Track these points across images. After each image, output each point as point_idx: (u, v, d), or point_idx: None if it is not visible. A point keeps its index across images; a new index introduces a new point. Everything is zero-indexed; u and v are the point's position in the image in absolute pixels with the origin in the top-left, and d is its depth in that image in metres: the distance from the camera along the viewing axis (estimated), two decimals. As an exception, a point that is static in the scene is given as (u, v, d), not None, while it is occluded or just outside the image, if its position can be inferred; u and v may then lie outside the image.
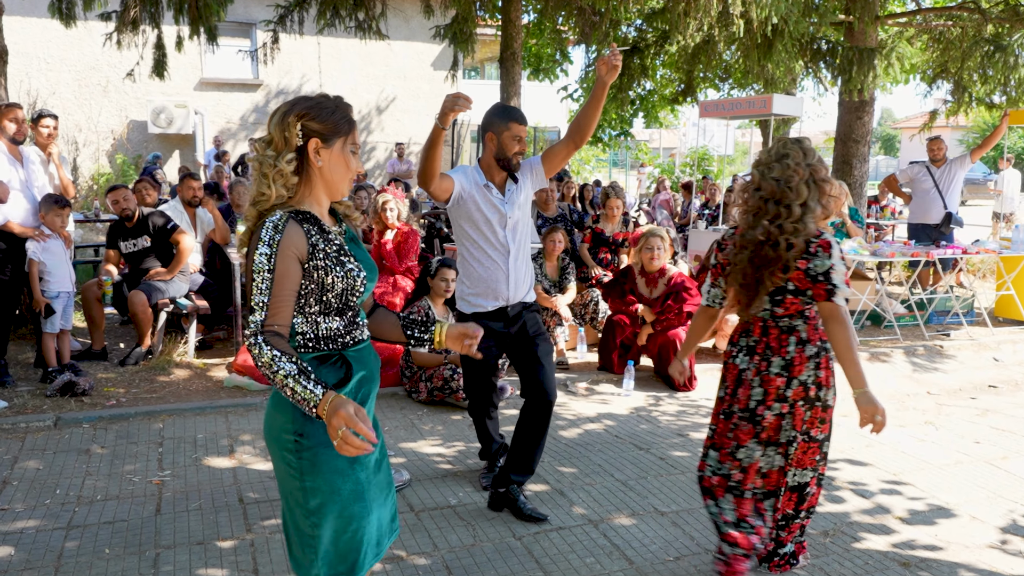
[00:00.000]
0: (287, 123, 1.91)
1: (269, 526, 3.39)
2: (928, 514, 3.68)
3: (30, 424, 4.51)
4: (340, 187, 1.99)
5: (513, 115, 3.38)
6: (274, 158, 1.91)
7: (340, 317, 1.97)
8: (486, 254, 3.43)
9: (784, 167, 2.76)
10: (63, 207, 5.28)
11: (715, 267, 2.96)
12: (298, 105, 1.93)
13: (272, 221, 1.87)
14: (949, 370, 6.45)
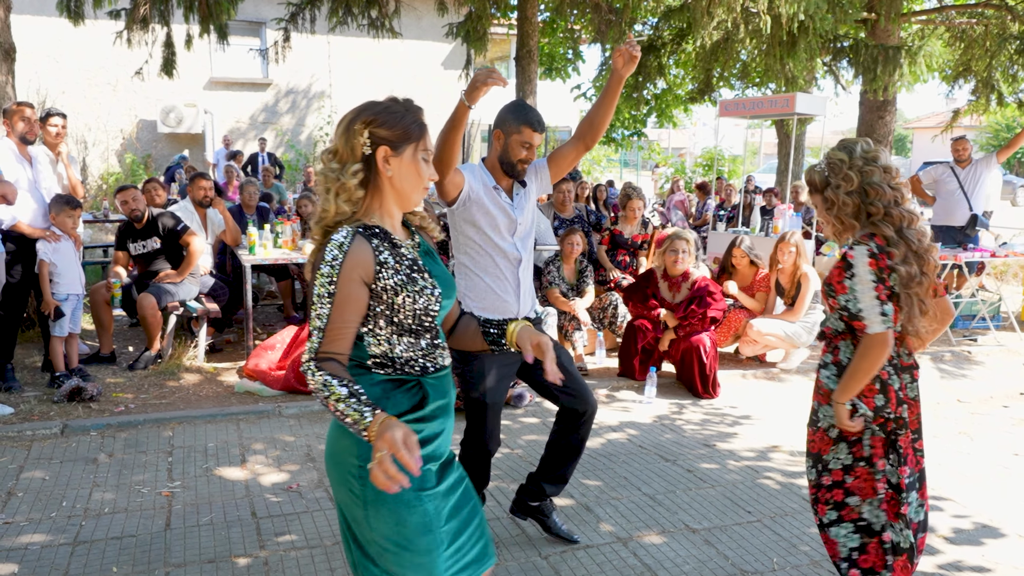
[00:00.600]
0: (353, 131, 1.77)
1: (284, 543, 3.24)
2: (973, 533, 3.51)
3: (36, 432, 4.38)
4: (412, 197, 1.85)
5: (528, 118, 3.01)
6: (338, 171, 1.78)
7: (416, 338, 1.83)
8: (494, 263, 3.08)
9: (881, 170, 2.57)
10: (74, 208, 5.15)
11: (879, 283, 2.48)
12: (365, 111, 1.79)
13: (337, 240, 1.74)
14: (978, 377, 6.26)
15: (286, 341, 5.79)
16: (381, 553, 1.76)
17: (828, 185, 2.64)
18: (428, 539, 1.76)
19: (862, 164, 2.59)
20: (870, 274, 2.48)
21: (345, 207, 1.77)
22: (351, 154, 1.77)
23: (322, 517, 3.48)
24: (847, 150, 2.65)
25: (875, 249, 2.49)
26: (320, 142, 16.91)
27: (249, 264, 5.99)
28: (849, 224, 2.62)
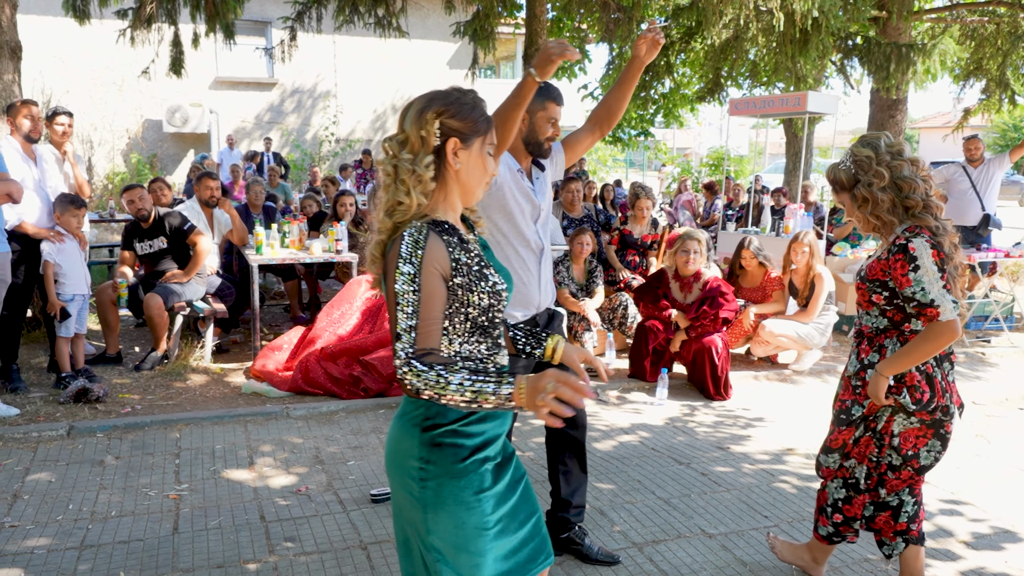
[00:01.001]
0: (425, 120, 1.71)
1: (293, 547, 3.19)
2: (994, 538, 3.44)
3: (42, 433, 4.33)
4: (477, 192, 1.80)
5: (551, 94, 2.91)
6: (411, 161, 1.70)
7: (483, 338, 1.77)
8: (517, 253, 2.95)
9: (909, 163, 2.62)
10: (79, 207, 5.11)
11: (944, 272, 2.52)
12: (436, 101, 1.72)
13: (411, 235, 1.67)
14: (993, 378, 6.18)
15: (293, 342, 5.75)
16: (438, 559, 1.72)
17: (858, 183, 2.64)
18: (483, 541, 1.72)
19: (889, 159, 2.60)
20: (934, 264, 2.49)
21: (423, 199, 1.71)
22: (423, 145, 1.71)
23: (331, 521, 3.43)
24: (872, 146, 2.65)
25: (932, 240, 2.52)
26: (325, 141, 16.89)
27: (256, 264, 5.95)
28: (888, 220, 2.62)
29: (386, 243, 1.74)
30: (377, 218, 1.76)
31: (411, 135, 1.72)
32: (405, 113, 1.75)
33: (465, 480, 1.71)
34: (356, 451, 4.27)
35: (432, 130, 1.70)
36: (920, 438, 2.69)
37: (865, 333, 2.74)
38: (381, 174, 1.76)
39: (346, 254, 6.35)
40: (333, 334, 5.60)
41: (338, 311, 5.81)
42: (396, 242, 1.69)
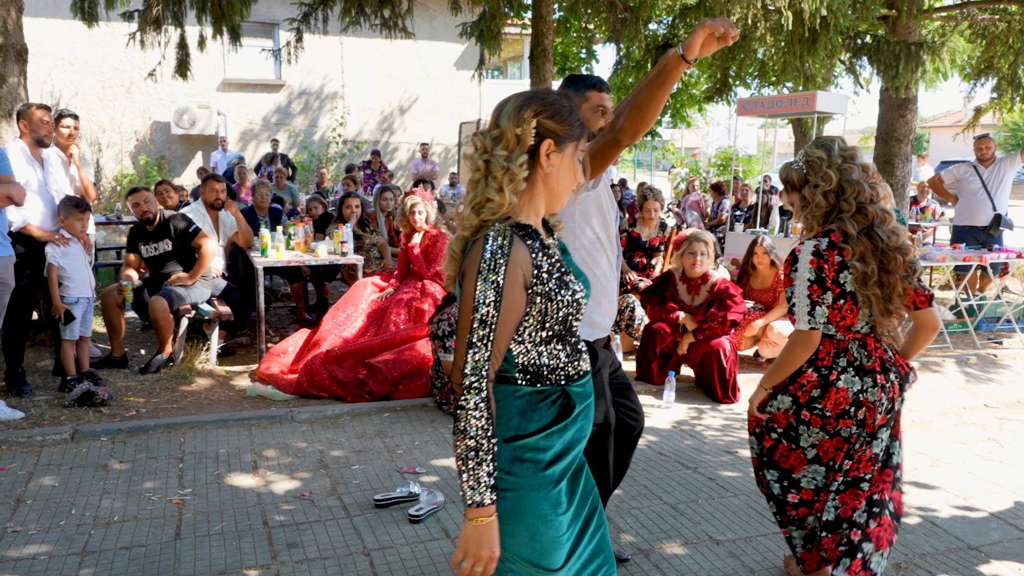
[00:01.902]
0: (522, 119, 1.66)
1: (296, 554, 3.16)
2: (1009, 545, 3.38)
3: (46, 437, 4.32)
4: (563, 197, 1.76)
5: (589, 82, 2.69)
6: (506, 158, 1.65)
7: (563, 344, 1.73)
8: (608, 260, 2.73)
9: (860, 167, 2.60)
10: (83, 211, 5.10)
11: (815, 283, 2.54)
12: (535, 100, 1.68)
13: (495, 239, 1.63)
14: (1005, 381, 6.11)
15: (298, 344, 5.73)
16: (511, 569, 1.72)
17: (806, 183, 2.65)
18: (559, 554, 1.71)
19: (841, 162, 2.60)
20: (809, 272, 2.55)
21: (514, 199, 1.66)
22: (518, 143, 1.66)
23: (335, 527, 3.40)
24: (825, 148, 2.65)
25: (822, 247, 2.55)
26: (333, 143, 16.89)
27: (261, 267, 5.93)
28: (817, 224, 2.64)
29: (468, 240, 1.70)
30: (463, 214, 1.70)
31: (507, 132, 1.66)
32: (500, 109, 1.70)
33: (544, 492, 1.69)
34: (360, 455, 4.24)
35: (528, 129, 1.66)
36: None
37: None
38: (469, 169, 1.72)
39: (351, 256, 6.33)
40: (338, 336, 5.58)
41: (343, 313, 5.79)
42: (478, 244, 1.64)
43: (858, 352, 2.60)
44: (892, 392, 2.61)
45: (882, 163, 9.07)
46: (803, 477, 2.76)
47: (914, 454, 4.41)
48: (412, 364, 5.23)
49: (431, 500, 3.56)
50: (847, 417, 2.59)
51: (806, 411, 2.64)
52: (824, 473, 2.71)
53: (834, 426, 2.61)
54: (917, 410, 5.27)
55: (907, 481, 4.03)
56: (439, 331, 4.86)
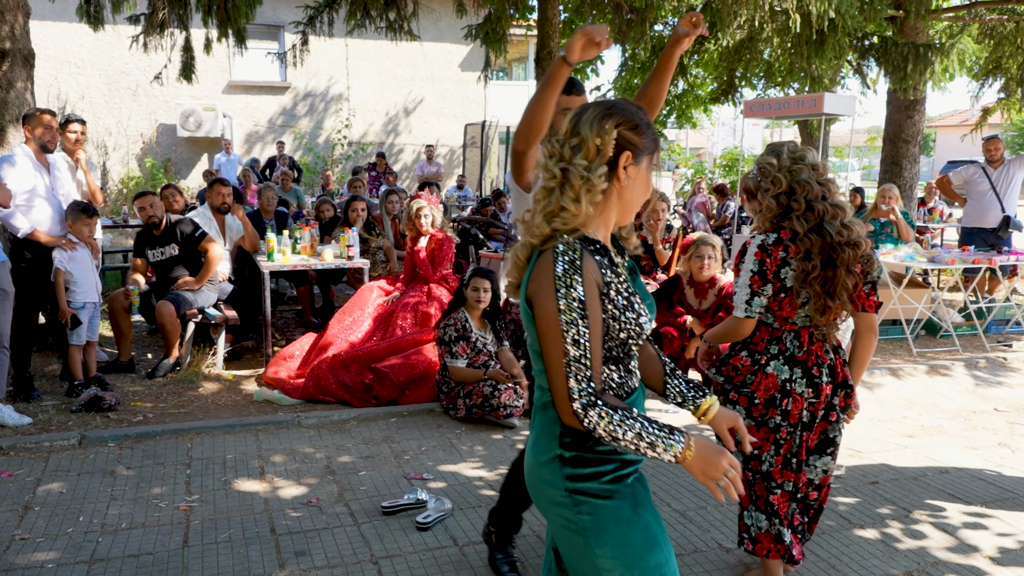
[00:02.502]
0: (604, 129, 1.62)
1: (303, 562, 3.15)
2: (1020, 552, 3.35)
3: (54, 443, 4.32)
4: (634, 211, 1.72)
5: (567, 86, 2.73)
6: (585, 168, 1.61)
7: (618, 367, 1.70)
8: None
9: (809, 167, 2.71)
10: (91, 216, 5.10)
11: (757, 275, 2.68)
12: (615, 111, 1.65)
13: (564, 254, 1.59)
14: (1015, 384, 6.07)
15: (305, 348, 5.72)
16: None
17: (759, 189, 2.77)
18: (656, 553, 1.69)
19: (790, 164, 2.72)
20: (753, 264, 2.69)
21: (591, 210, 1.63)
22: (599, 153, 1.63)
23: (342, 533, 3.39)
24: (775, 153, 2.78)
25: (769, 242, 2.68)
26: (338, 145, 16.90)
27: (267, 270, 5.93)
28: (768, 223, 2.76)
29: (535, 249, 1.65)
30: (533, 222, 1.65)
31: (588, 141, 1.63)
32: (579, 117, 1.66)
33: (617, 498, 1.67)
34: (367, 461, 4.23)
35: (609, 140, 1.63)
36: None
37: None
38: (542, 176, 1.68)
39: (358, 260, 6.32)
40: (345, 341, 5.57)
41: (350, 317, 5.78)
42: (545, 258, 1.60)
43: (791, 343, 2.73)
44: (822, 391, 2.71)
45: (890, 164, 9.05)
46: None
47: (924, 460, 4.38)
48: (419, 369, 5.22)
49: (439, 507, 3.55)
50: (774, 406, 2.72)
51: (734, 392, 2.78)
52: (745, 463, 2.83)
53: (762, 413, 2.74)
54: (927, 415, 5.24)
55: (917, 487, 4.01)
56: (445, 336, 4.85)
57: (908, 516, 3.67)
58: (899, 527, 3.55)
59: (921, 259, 6.84)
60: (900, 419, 5.14)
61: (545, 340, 1.58)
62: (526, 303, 1.65)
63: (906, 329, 6.85)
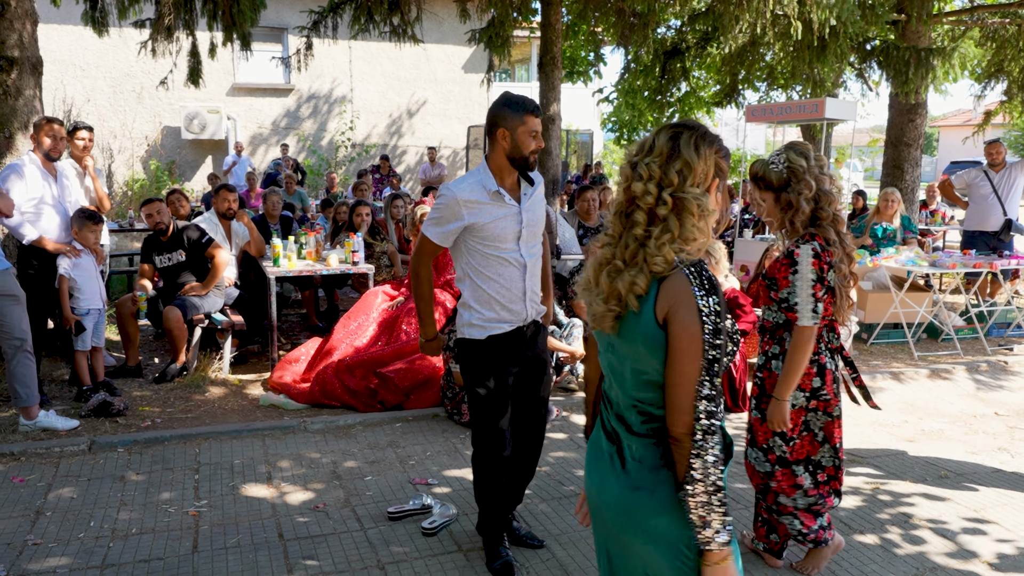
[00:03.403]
0: (708, 155, 1.63)
1: (312, 567, 3.20)
2: (1020, 559, 3.39)
3: (64, 449, 4.38)
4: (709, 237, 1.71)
5: (528, 107, 2.90)
6: (699, 195, 1.62)
7: (712, 386, 1.66)
8: (498, 272, 2.98)
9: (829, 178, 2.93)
10: (96, 223, 5.15)
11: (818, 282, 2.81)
12: (710, 137, 1.66)
13: (701, 275, 1.59)
14: (1016, 388, 6.10)
15: (310, 353, 5.77)
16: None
17: (787, 187, 2.85)
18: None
19: (818, 172, 2.85)
20: (812, 272, 2.78)
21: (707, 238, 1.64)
22: (704, 180, 1.64)
23: (349, 539, 3.44)
24: (804, 156, 2.87)
25: (818, 249, 2.80)
26: (342, 147, 16.96)
27: (274, 276, 5.98)
28: (798, 227, 2.87)
29: (658, 278, 1.61)
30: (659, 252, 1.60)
31: (695, 166, 1.61)
32: (676, 139, 1.63)
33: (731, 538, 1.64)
34: (373, 466, 4.28)
35: (712, 165, 1.64)
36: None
37: (767, 327, 3.03)
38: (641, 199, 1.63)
39: (363, 265, 6.37)
40: (350, 346, 5.62)
41: (355, 322, 5.83)
42: (679, 279, 1.58)
43: (827, 334, 2.96)
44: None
45: (892, 167, 9.07)
46: (822, 457, 3.04)
47: (924, 464, 4.42)
48: (423, 374, 5.26)
49: (444, 512, 3.59)
50: (836, 395, 2.97)
51: (815, 400, 2.96)
52: (834, 451, 3.04)
53: (833, 407, 2.97)
54: (928, 419, 5.28)
55: (917, 492, 4.05)
56: (451, 342, 4.89)
57: (907, 521, 3.71)
58: (898, 532, 3.60)
59: (922, 263, 6.88)
60: (901, 423, 5.18)
61: (683, 358, 1.56)
62: (656, 326, 1.60)
63: (907, 333, 6.89)
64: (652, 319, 1.61)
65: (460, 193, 2.90)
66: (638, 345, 1.64)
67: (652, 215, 1.63)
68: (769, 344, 2.99)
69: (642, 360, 1.64)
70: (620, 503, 1.70)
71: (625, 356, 1.68)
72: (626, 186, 1.68)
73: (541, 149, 2.99)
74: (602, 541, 1.83)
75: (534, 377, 3.17)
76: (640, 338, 1.63)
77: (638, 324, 1.63)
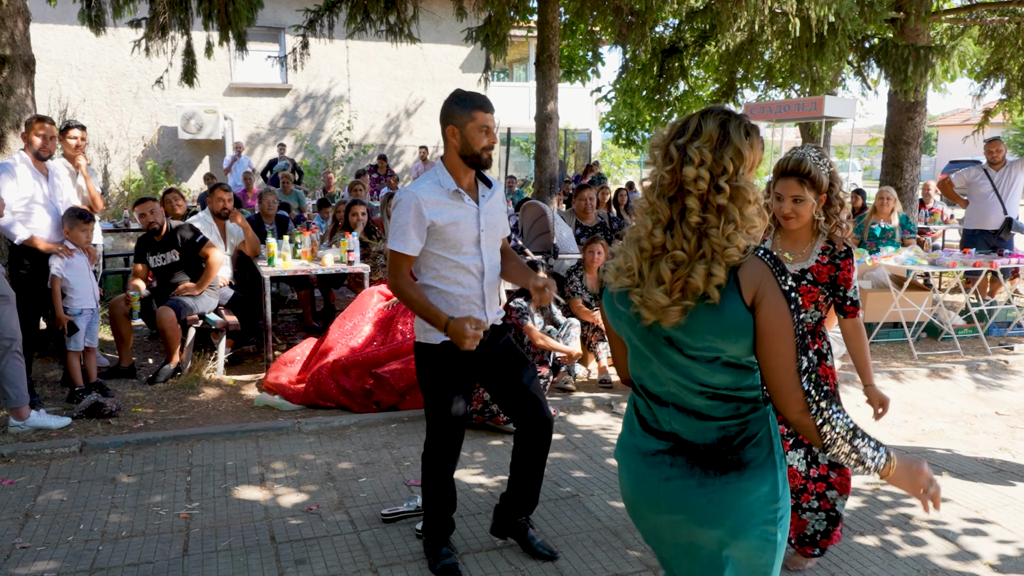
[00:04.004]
0: (757, 144, 1.65)
1: (303, 570, 3.15)
2: (1021, 560, 3.34)
3: (55, 450, 4.33)
4: None
5: (476, 102, 2.83)
6: (750, 181, 1.63)
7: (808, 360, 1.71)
8: (457, 280, 2.95)
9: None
10: (88, 222, 5.10)
11: None
12: (752, 125, 1.66)
13: (773, 258, 1.62)
14: (1017, 387, 6.06)
15: (305, 353, 5.72)
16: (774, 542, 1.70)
17: (832, 189, 2.93)
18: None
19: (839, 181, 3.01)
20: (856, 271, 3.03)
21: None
22: (752, 168, 1.67)
23: (342, 542, 3.39)
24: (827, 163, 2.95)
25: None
26: (339, 147, 16.92)
27: (268, 276, 5.93)
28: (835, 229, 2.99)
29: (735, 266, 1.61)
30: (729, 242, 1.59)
31: (748, 156, 1.63)
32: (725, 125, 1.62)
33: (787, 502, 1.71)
34: (368, 467, 4.24)
35: (759, 155, 1.68)
36: None
37: (807, 328, 3.08)
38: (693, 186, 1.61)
39: (358, 264, 6.33)
40: (345, 346, 5.57)
41: (350, 323, 5.78)
42: (756, 264, 1.60)
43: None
44: None
45: (891, 166, 9.03)
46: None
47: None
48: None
49: (438, 515, 3.54)
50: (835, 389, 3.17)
51: None
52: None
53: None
54: (928, 418, 5.24)
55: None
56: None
57: (908, 522, 3.66)
58: (899, 534, 3.55)
59: (922, 262, 6.84)
60: (901, 423, 5.13)
61: (778, 340, 1.58)
62: (746, 312, 1.59)
63: (907, 332, 6.85)
64: (741, 307, 1.59)
65: (420, 192, 2.85)
66: (715, 336, 1.61)
67: (703, 201, 1.61)
68: (819, 342, 3.09)
69: (718, 348, 1.63)
70: (691, 499, 1.68)
71: (692, 347, 1.64)
72: (671, 168, 1.63)
73: (494, 145, 2.90)
74: (666, 555, 1.81)
75: (509, 370, 3.10)
76: (720, 328, 1.60)
77: (719, 315, 1.60)
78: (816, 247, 2.97)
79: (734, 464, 1.66)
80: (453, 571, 3.09)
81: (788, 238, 3.01)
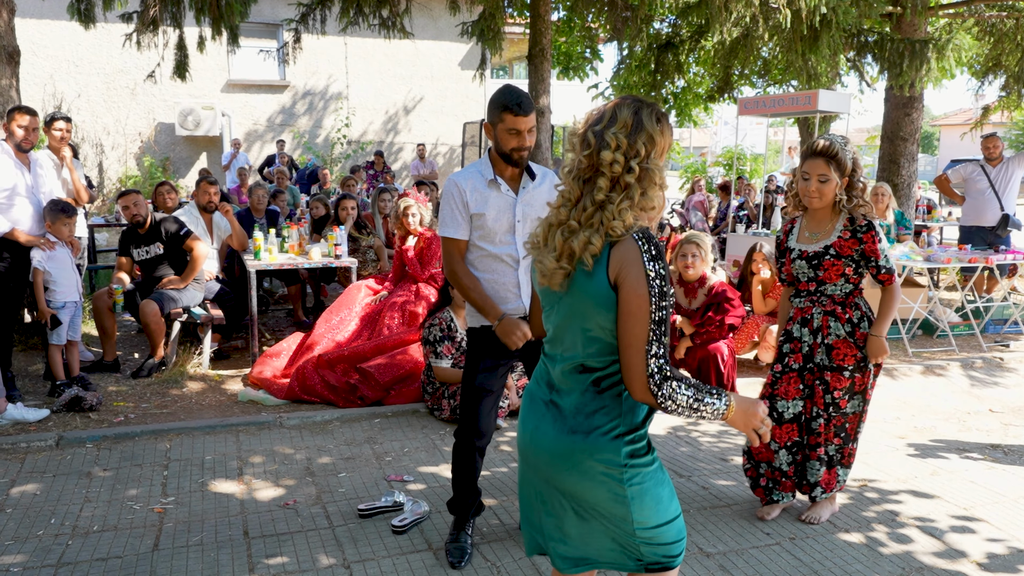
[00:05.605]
0: (667, 131, 1.79)
1: (274, 566, 3.09)
2: (1009, 558, 3.27)
3: (31, 444, 4.27)
4: None
5: (506, 105, 2.82)
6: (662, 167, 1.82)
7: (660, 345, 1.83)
8: (491, 268, 2.99)
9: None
10: (70, 215, 5.04)
11: None
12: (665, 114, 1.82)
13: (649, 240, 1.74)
14: (1011, 385, 5.98)
15: (291, 348, 5.67)
16: (648, 542, 1.82)
17: (854, 173, 3.16)
18: (675, 500, 1.88)
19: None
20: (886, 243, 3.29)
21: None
22: (662, 153, 1.81)
23: (316, 537, 3.33)
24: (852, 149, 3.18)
25: None
26: (338, 144, 16.85)
27: (254, 269, 5.87)
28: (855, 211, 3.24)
29: (611, 239, 1.72)
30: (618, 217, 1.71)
31: (658, 139, 1.75)
32: (637, 111, 1.74)
33: (655, 464, 1.85)
34: (348, 462, 4.17)
35: (668, 141, 1.79)
36: None
37: (837, 300, 3.32)
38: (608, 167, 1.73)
39: (345, 259, 6.26)
40: (331, 340, 5.51)
41: (337, 317, 5.72)
42: (629, 244, 1.69)
43: None
44: None
45: (888, 162, 8.96)
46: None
47: (914, 461, 4.31)
48: (404, 369, 5.16)
49: (415, 510, 3.48)
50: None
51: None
52: None
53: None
54: (920, 416, 5.17)
55: (905, 489, 3.94)
56: (430, 336, 4.79)
57: (895, 520, 3.60)
58: (885, 531, 3.48)
59: (917, 258, 6.76)
60: (893, 420, 5.06)
61: (632, 320, 1.68)
62: (608, 287, 1.71)
63: (902, 329, 6.77)
64: (605, 280, 1.72)
65: (459, 179, 2.96)
66: (588, 302, 1.74)
67: (615, 182, 1.74)
68: (851, 312, 3.32)
69: (590, 317, 1.76)
70: (555, 445, 1.83)
71: (573, 313, 1.79)
72: (588, 153, 1.76)
73: (526, 147, 2.90)
74: (532, 484, 1.95)
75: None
76: (591, 296, 1.73)
77: (590, 283, 1.73)
78: (839, 224, 3.24)
79: (591, 426, 1.81)
80: (461, 553, 3.11)
81: (813, 219, 3.30)
